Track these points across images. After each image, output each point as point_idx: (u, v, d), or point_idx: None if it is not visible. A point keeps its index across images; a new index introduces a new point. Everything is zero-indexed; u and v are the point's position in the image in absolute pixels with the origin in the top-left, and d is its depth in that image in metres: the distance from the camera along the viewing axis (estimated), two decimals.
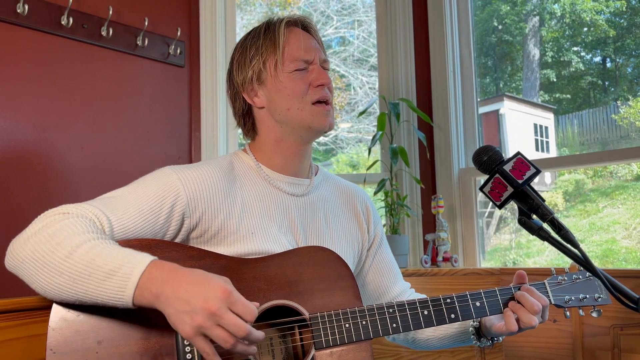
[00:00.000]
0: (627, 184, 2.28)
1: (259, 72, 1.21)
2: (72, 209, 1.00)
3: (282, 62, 1.19)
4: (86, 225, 0.97)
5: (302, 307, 1.09)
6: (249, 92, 1.23)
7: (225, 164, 1.21)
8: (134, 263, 0.91)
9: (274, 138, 1.24)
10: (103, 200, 1.07)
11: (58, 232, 0.95)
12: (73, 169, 2.05)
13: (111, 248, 0.94)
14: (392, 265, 1.40)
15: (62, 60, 2.05)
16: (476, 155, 1.09)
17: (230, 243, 1.14)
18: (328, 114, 1.21)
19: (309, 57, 1.20)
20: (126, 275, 0.90)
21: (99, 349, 0.96)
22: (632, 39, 2.25)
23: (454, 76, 2.48)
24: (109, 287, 0.90)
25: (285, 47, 1.19)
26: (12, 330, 1.25)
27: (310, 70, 1.21)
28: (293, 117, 1.20)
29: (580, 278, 1.25)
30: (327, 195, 1.32)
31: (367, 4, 2.82)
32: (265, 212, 1.19)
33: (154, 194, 1.08)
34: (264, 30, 1.22)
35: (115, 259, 0.91)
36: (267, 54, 1.20)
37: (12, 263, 0.97)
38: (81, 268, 0.91)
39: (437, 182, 2.44)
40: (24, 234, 0.99)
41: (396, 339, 1.39)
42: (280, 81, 1.19)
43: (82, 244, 0.93)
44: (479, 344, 1.24)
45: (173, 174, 1.12)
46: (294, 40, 1.20)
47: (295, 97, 1.19)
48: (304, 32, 1.24)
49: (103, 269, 0.91)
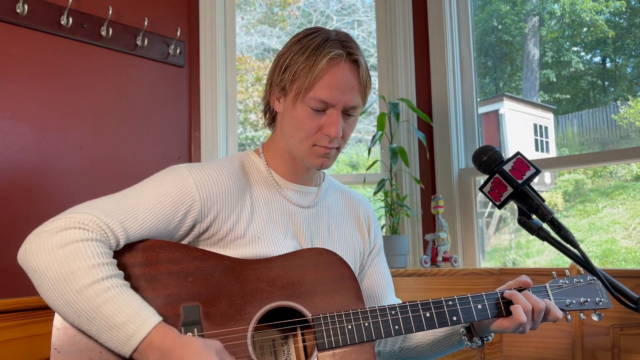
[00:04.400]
0: (627, 184, 2.28)
1: (285, 85, 1.17)
2: (91, 224, 0.99)
3: (305, 93, 1.13)
4: (102, 254, 0.97)
5: (305, 309, 1.09)
6: (274, 94, 1.22)
7: (237, 166, 1.21)
8: (138, 324, 0.93)
9: (282, 147, 1.24)
10: (121, 203, 1.05)
11: (73, 256, 0.95)
12: (72, 168, 2.05)
13: (120, 296, 0.95)
14: (386, 277, 1.40)
15: (61, 60, 2.05)
16: (476, 155, 1.10)
17: (236, 246, 1.14)
18: (324, 156, 1.18)
19: (331, 100, 1.13)
20: (128, 334, 0.92)
21: (103, 348, 0.96)
22: (631, 39, 2.25)
23: (454, 76, 2.48)
24: (109, 338, 0.93)
25: (317, 82, 1.12)
26: (13, 330, 1.25)
27: (328, 114, 1.15)
28: (293, 145, 1.19)
29: (581, 281, 1.25)
30: (332, 203, 1.33)
31: (367, 4, 2.82)
32: (272, 218, 1.20)
33: (171, 199, 1.08)
34: (312, 49, 1.13)
35: (121, 312, 0.93)
36: (299, 76, 1.13)
37: (25, 264, 0.98)
38: (87, 310, 0.93)
39: (436, 182, 2.44)
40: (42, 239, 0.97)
41: (381, 352, 1.37)
42: (296, 109, 1.15)
43: (94, 283, 0.94)
44: (471, 345, 1.23)
45: (190, 177, 1.11)
46: (328, 78, 1.12)
47: (301, 132, 1.16)
48: (350, 67, 1.15)
49: (108, 321, 0.93)
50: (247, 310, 1.06)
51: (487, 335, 1.24)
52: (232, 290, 1.06)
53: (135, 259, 1.04)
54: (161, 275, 1.03)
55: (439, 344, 1.29)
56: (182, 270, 1.05)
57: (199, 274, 1.06)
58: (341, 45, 1.14)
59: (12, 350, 1.25)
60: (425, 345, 1.31)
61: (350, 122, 1.19)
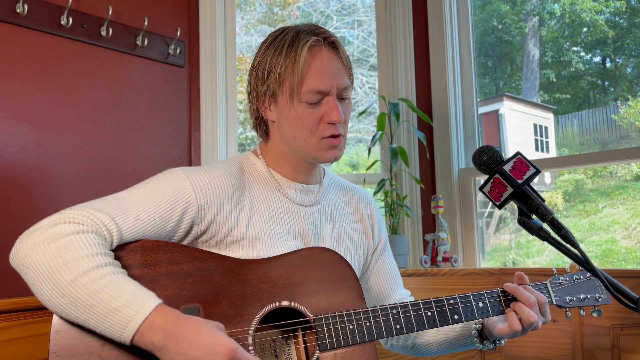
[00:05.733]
0: (627, 184, 2.28)
1: (273, 90, 1.16)
2: (83, 218, 0.97)
3: (298, 91, 1.12)
4: (95, 244, 0.95)
5: (306, 309, 1.09)
6: (263, 104, 1.20)
7: (235, 168, 1.19)
8: (137, 306, 0.90)
9: (283, 151, 1.22)
10: (114, 202, 1.04)
11: (66, 248, 0.93)
12: (72, 168, 2.05)
13: (118, 281, 0.92)
14: (394, 271, 1.40)
15: (61, 60, 2.05)
16: (476, 155, 1.09)
17: (237, 248, 1.13)
18: (335, 148, 1.17)
19: (325, 87, 1.13)
20: (128, 317, 0.89)
21: (102, 351, 0.95)
22: (631, 39, 2.25)
23: (454, 76, 2.48)
24: (109, 324, 0.90)
25: (305, 75, 1.12)
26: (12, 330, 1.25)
27: (324, 103, 1.14)
28: (299, 147, 1.17)
29: (581, 278, 1.25)
30: (334, 200, 1.31)
31: (367, 4, 2.82)
32: (273, 218, 1.18)
33: (166, 200, 1.06)
34: (288, 46, 1.14)
35: (119, 296, 0.90)
36: (285, 75, 1.13)
37: (17, 264, 0.96)
38: (85, 297, 0.90)
39: (436, 182, 2.44)
40: (33, 236, 0.96)
41: (394, 346, 1.38)
42: (293, 109, 1.14)
43: (89, 271, 0.91)
44: (481, 347, 1.24)
45: (186, 179, 1.10)
46: (314, 67, 1.12)
47: (303, 129, 1.15)
48: (330, 52, 1.15)
49: (106, 305, 0.90)
50: (247, 311, 1.05)
51: (499, 339, 1.23)
52: (232, 291, 1.06)
53: (134, 260, 1.02)
54: (161, 276, 1.02)
55: (452, 342, 1.29)
56: (182, 271, 1.04)
57: (199, 274, 1.05)
58: (314, 34, 1.15)
59: (11, 351, 1.25)
60: (437, 344, 1.31)
61: (346, 104, 1.19)
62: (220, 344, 0.89)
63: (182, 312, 1.01)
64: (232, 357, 0.89)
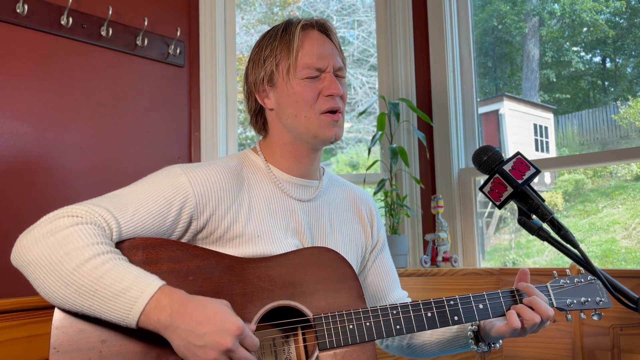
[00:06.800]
0: (627, 184, 2.28)
1: (271, 73, 1.19)
2: (81, 212, 0.99)
3: (294, 67, 1.17)
4: (96, 234, 0.96)
5: (306, 308, 1.09)
6: (261, 92, 1.22)
7: (233, 165, 1.20)
8: (142, 287, 0.91)
9: (283, 141, 1.23)
10: (112, 199, 1.05)
11: (67, 240, 0.94)
12: (72, 168, 2.05)
13: (120, 266, 0.93)
14: (391, 271, 1.40)
15: (61, 60, 2.05)
16: (476, 155, 1.10)
17: (236, 245, 1.14)
18: (335, 125, 1.19)
19: (321, 64, 1.18)
20: (133, 298, 0.90)
21: (103, 348, 0.96)
22: (631, 39, 2.25)
23: (454, 76, 2.48)
24: (114, 307, 0.91)
25: (299, 52, 1.17)
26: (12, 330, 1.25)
27: (322, 79, 1.18)
28: (300, 125, 1.19)
29: (582, 281, 1.25)
30: (333, 198, 1.32)
31: (367, 4, 2.82)
32: (272, 215, 1.19)
33: (163, 195, 1.07)
34: (281, 31, 1.20)
35: (123, 279, 0.91)
36: (281, 56, 1.18)
37: (18, 261, 0.96)
38: (88, 283, 0.91)
39: (436, 182, 2.44)
40: (33, 232, 0.97)
41: (389, 346, 1.38)
42: (291, 86, 1.17)
43: (91, 258, 0.92)
44: (476, 349, 1.24)
45: (183, 174, 1.11)
46: (308, 46, 1.18)
47: (303, 104, 1.17)
48: (322, 35, 1.21)
49: (110, 288, 0.91)
50: (248, 310, 1.05)
51: (494, 342, 1.23)
52: (232, 289, 1.06)
53: (135, 258, 1.02)
54: (161, 274, 1.02)
55: (447, 344, 1.29)
56: (183, 269, 1.04)
57: (200, 272, 1.05)
58: (305, 20, 1.22)
59: (11, 350, 1.24)
60: (433, 344, 1.31)
61: (343, 83, 1.23)
62: (229, 321, 0.90)
63: None
64: (239, 333, 0.90)
